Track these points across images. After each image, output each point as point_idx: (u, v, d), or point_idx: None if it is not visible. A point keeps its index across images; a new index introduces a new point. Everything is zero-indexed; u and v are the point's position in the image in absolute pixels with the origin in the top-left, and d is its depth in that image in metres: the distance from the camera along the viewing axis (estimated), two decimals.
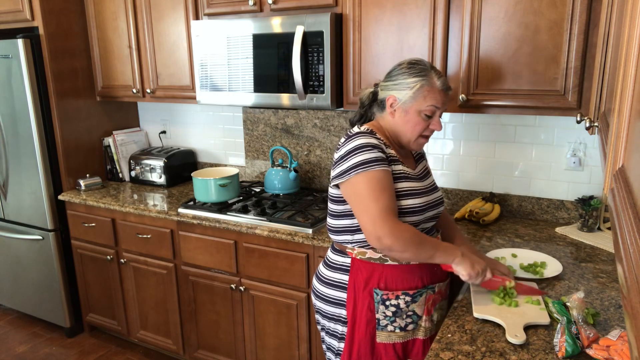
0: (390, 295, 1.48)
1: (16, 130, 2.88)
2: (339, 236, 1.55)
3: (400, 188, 1.46)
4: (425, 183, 1.56)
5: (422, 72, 1.46)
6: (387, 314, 1.49)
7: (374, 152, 1.42)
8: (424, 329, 1.53)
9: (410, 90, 1.45)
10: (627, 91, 0.71)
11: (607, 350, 1.16)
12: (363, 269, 1.49)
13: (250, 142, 2.93)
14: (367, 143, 1.43)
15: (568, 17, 1.74)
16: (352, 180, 1.42)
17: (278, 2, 2.26)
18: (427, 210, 1.52)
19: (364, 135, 1.45)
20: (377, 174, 1.40)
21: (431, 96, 1.45)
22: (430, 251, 1.43)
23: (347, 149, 1.44)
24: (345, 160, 1.44)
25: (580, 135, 2.13)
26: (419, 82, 1.45)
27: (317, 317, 1.67)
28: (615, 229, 0.66)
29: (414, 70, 1.47)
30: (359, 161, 1.41)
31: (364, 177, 1.40)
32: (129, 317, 2.86)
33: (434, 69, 1.49)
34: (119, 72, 2.88)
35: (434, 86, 1.46)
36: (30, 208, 2.98)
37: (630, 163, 0.66)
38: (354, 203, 1.44)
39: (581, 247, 1.92)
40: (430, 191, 1.56)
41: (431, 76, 1.46)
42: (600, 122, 1.26)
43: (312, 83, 2.18)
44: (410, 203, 1.47)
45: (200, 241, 2.41)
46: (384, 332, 1.51)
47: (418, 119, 1.47)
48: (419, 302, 1.51)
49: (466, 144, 2.36)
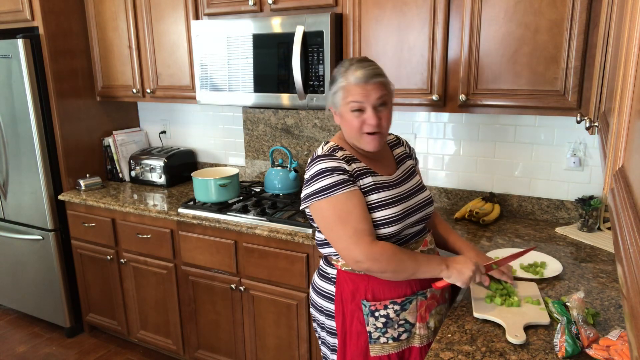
0: (379, 305, 1.45)
1: (16, 130, 2.88)
2: (324, 249, 1.54)
3: (371, 201, 1.43)
4: (403, 188, 1.51)
5: (338, 74, 1.46)
6: (378, 325, 1.46)
7: (333, 176, 1.40)
8: (420, 337, 1.49)
9: (335, 95, 1.46)
10: (627, 91, 0.71)
11: (607, 350, 1.16)
12: (349, 281, 1.47)
13: (250, 142, 2.93)
14: (325, 168, 1.41)
15: (568, 17, 1.74)
16: (315, 206, 1.43)
17: (278, 2, 2.26)
18: (406, 217, 1.47)
19: (323, 159, 1.44)
20: (340, 198, 1.39)
21: (350, 92, 1.42)
22: (411, 269, 1.39)
23: (310, 174, 1.45)
24: (308, 185, 1.44)
25: (580, 135, 2.13)
26: (336, 85, 1.46)
27: (314, 325, 1.67)
28: (615, 229, 0.66)
29: (335, 74, 1.48)
30: (321, 187, 1.41)
31: (327, 204, 1.40)
32: (129, 317, 2.86)
33: (359, 62, 1.45)
34: (119, 72, 2.88)
35: (350, 82, 1.42)
36: (30, 208, 2.98)
37: (630, 163, 0.66)
38: (324, 229, 1.44)
39: (581, 247, 1.92)
40: (411, 195, 1.52)
41: (347, 75, 1.43)
42: (600, 122, 1.26)
43: (312, 83, 2.18)
44: (384, 214, 1.43)
45: (200, 241, 2.41)
46: (376, 345, 1.47)
47: (351, 117, 1.44)
48: (409, 309, 1.47)
49: (466, 144, 2.36)
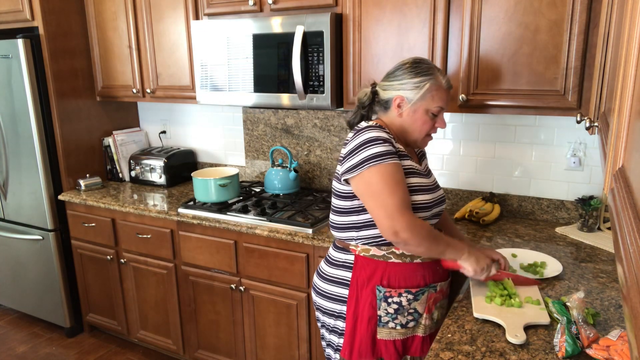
0: (393, 292, 1.48)
1: (16, 130, 2.88)
2: (343, 233, 1.54)
3: (411, 183, 1.45)
4: (430, 180, 1.57)
5: (429, 72, 1.46)
6: (389, 311, 1.49)
7: (386, 145, 1.40)
8: (424, 327, 1.54)
9: (419, 90, 1.45)
10: (627, 91, 0.71)
11: (607, 350, 1.16)
12: (366, 266, 1.49)
13: (250, 142, 2.93)
14: (377, 136, 1.40)
15: (568, 17, 1.74)
16: (364, 174, 1.39)
17: (278, 2, 2.26)
18: (434, 206, 1.53)
19: (374, 129, 1.43)
20: (390, 168, 1.38)
21: (439, 96, 1.47)
22: (442, 247, 1.45)
23: (357, 143, 1.41)
24: (355, 154, 1.41)
25: (580, 135, 2.13)
26: (426, 81, 1.45)
27: (318, 314, 1.67)
28: (615, 229, 0.66)
29: (419, 69, 1.47)
30: (371, 154, 1.38)
31: (377, 171, 1.37)
32: (129, 317, 2.86)
33: (437, 67, 1.50)
34: (119, 72, 2.88)
35: (441, 85, 1.47)
36: (30, 208, 2.98)
37: (630, 163, 0.66)
38: (368, 197, 1.41)
39: (581, 247, 1.92)
40: (435, 188, 1.57)
41: (437, 75, 1.47)
42: (600, 122, 1.26)
43: (312, 83, 2.18)
44: (421, 199, 1.47)
45: (200, 241, 2.41)
46: (385, 328, 1.51)
47: (426, 118, 1.48)
48: (420, 300, 1.51)
49: (466, 144, 2.36)
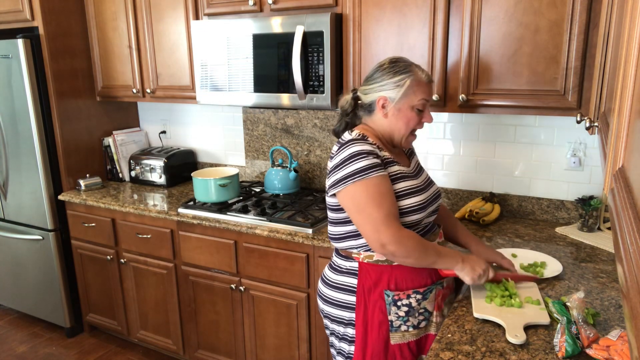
0: (402, 295, 1.48)
1: (16, 130, 2.88)
2: (342, 243, 1.54)
3: (399, 188, 1.46)
4: (421, 179, 1.57)
5: (407, 69, 1.48)
6: (400, 314, 1.49)
7: (369, 158, 1.41)
8: (436, 324, 1.54)
9: (401, 88, 1.47)
10: (627, 91, 0.71)
11: (607, 350, 1.16)
12: (372, 272, 1.49)
13: (250, 142, 2.93)
14: (360, 150, 1.42)
15: (568, 17, 1.74)
16: (349, 189, 1.42)
17: (278, 2, 2.26)
18: (428, 205, 1.53)
19: (357, 142, 1.45)
20: (374, 181, 1.40)
21: (420, 90, 1.48)
22: (433, 258, 1.45)
23: (342, 158, 1.44)
24: (340, 168, 1.44)
25: (580, 135, 2.13)
26: (406, 78, 1.47)
27: (326, 322, 1.64)
28: (615, 229, 0.66)
29: (397, 68, 1.49)
30: (355, 169, 1.41)
31: (362, 186, 1.40)
32: (129, 317, 2.86)
33: (415, 63, 1.52)
34: (119, 72, 2.88)
35: (421, 80, 1.49)
36: (30, 208, 2.98)
37: (630, 163, 0.66)
38: (354, 212, 1.43)
39: (581, 247, 1.92)
40: (427, 186, 1.57)
41: (415, 71, 1.49)
42: (600, 122, 1.26)
43: (312, 83, 2.18)
44: (411, 202, 1.47)
45: (200, 241, 2.41)
46: (397, 333, 1.50)
47: (412, 115, 1.50)
48: (429, 298, 1.51)
49: (466, 144, 2.36)
